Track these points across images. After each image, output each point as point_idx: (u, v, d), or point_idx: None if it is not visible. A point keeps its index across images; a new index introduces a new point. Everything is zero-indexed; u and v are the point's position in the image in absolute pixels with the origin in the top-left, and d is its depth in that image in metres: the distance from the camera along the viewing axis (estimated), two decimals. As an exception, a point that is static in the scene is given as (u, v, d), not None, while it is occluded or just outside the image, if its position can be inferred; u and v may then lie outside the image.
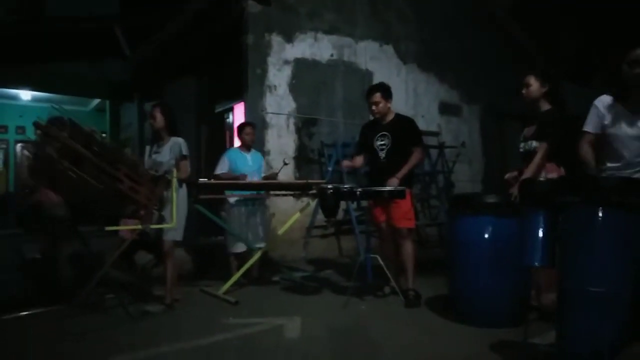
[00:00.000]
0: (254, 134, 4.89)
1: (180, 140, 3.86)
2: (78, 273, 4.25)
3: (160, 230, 3.74)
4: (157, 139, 3.97)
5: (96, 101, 11.33)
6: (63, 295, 3.90)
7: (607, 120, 2.83)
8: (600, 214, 2.18)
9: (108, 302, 3.88)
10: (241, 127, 4.88)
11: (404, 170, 3.82)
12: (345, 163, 4.27)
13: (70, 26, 7.60)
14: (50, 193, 3.92)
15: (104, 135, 3.64)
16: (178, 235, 3.79)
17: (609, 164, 2.85)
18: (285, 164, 4.74)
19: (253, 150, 4.91)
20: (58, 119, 3.36)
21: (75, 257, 4.33)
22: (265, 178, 4.85)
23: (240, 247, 4.61)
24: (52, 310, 3.74)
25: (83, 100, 11.12)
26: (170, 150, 3.83)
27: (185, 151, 3.82)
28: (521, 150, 3.46)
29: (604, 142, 2.88)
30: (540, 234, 2.38)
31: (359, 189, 3.68)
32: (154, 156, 3.92)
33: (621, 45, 2.81)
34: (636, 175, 2.68)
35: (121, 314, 3.62)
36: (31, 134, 3.50)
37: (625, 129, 2.73)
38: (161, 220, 3.71)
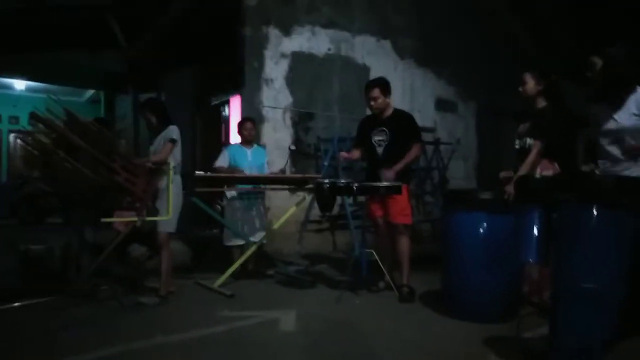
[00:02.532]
0: (254, 129, 4.89)
1: (172, 127, 3.85)
2: (72, 264, 4.25)
3: (155, 222, 3.73)
4: (155, 134, 3.96)
5: (91, 92, 11.26)
6: (57, 286, 3.89)
7: (594, 121, 2.95)
8: (594, 212, 2.20)
9: (102, 294, 3.86)
10: (241, 123, 4.89)
11: (401, 164, 3.81)
12: (343, 154, 4.22)
13: (65, 16, 7.52)
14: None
15: (102, 123, 3.61)
16: (171, 227, 3.79)
17: (600, 161, 2.94)
18: (291, 149, 4.69)
19: (255, 146, 4.91)
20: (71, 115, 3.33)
21: (70, 248, 4.33)
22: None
23: (235, 241, 4.62)
24: (46, 301, 3.73)
25: (77, 91, 11.06)
26: (163, 139, 3.83)
27: (175, 136, 3.79)
28: (516, 147, 3.48)
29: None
30: (535, 231, 2.41)
31: (356, 184, 3.68)
32: (150, 148, 3.94)
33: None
34: (625, 173, 2.72)
35: (115, 305, 3.63)
36: (25, 123, 3.48)
37: (606, 125, 2.82)
38: (155, 212, 3.71)
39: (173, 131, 3.81)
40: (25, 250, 4.33)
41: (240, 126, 4.85)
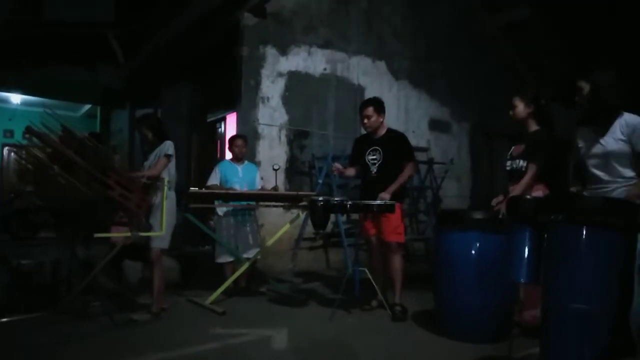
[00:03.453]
0: (245, 146, 4.92)
1: (168, 142, 3.86)
2: (64, 279, 4.22)
3: (148, 237, 3.72)
4: (151, 150, 3.98)
5: (87, 107, 11.27)
6: (48, 301, 3.86)
7: (581, 143, 3.00)
8: (582, 233, 2.23)
9: (93, 310, 3.83)
10: (232, 140, 4.93)
11: (395, 186, 3.86)
12: (337, 165, 4.17)
13: (64, 31, 7.59)
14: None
15: (96, 139, 3.61)
16: (165, 243, 3.78)
17: (587, 184, 2.98)
18: (275, 169, 4.72)
19: (246, 162, 4.94)
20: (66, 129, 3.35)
21: (62, 263, 4.30)
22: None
23: (227, 258, 4.62)
24: (36, 317, 3.69)
25: (74, 106, 11.06)
26: (158, 154, 3.85)
27: (170, 151, 3.80)
28: (508, 168, 3.52)
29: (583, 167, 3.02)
30: (526, 251, 2.43)
31: (349, 202, 3.71)
32: (145, 164, 3.95)
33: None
34: (612, 194, 2.77)
35: (106, 321, 3.59)
36: (20, 137, 3.49)
37: (592, 149, 2.87)
38: (149, 227, 3.71)
39: (168, 146, 3.82)
40: (16, 265, 4.29)
41: (231, 143, 4.89)
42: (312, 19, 6.53)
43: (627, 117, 2.79)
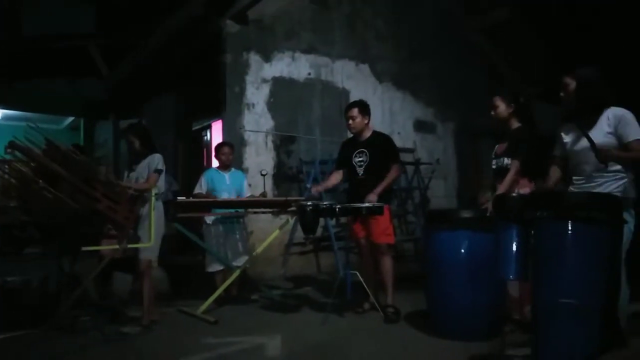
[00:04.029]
0: (232, 153, 4.90)
1: (157, 155, 3.85)
2: (51, 295, 4.16)
3: (137, 249, 3.69)
4: (135, 160, 3.95)
5: (70, 119, 11.14)
6: (36, 318, 3.79)
7: (567, 138, 3.02)
8: (568, 228, 2.27)
9: (83, 324, 3.78)
10: (218, 147, 4.91)
11: (382, 186, 3.88)
12: (315, 189, 4.29)
13: (45, 45, 7.51)
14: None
15: (79, 151, 3.56)
16: (154, 254, 3.75)
17: (574, 178, 3.00)
18: (263, 175, 4.71)
19: (233, 170, 4.92)
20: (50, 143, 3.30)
21: (49, 279, 4.23)
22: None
23: (217, 266, 4.59)
24: (24, 334, 3.63)
25: (56, 119, 10.92)
26: (147, 167, 3.82)
27: (160, 166, 3.79)
28: (493, 166, 3.57)
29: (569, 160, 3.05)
30: (514, 248, 2.46)
31: (338, 206, 3.72)
32: (130, 174, 3.91)
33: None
34: (598, 189, 2.81)
35: (97, 336, 3.54)
36: (2, 152, 3.43)
37: (579, 143, 2.89)
38: (137, 239, 3.67)
39: (158, 161, 3.80)
40: (2, 282, 4.21)
41: (218, 150, 4.87)
42: (294, 24, 6.55)
43: (613, 110, 2.82)
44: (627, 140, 2.77)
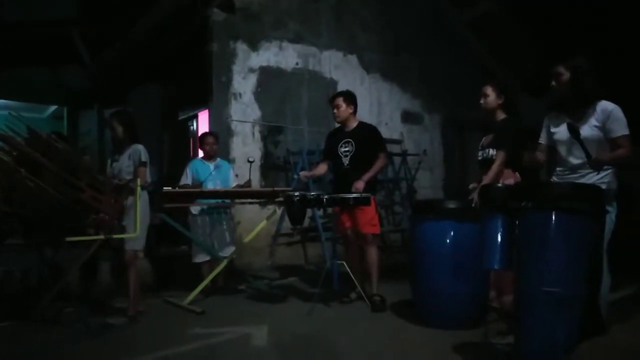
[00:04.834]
0: (216, 143, 4.85)
1: (140, 147, 3.79)
2: (34, 287, 4.11)
3: (122, 240, 3.65)
4: (118, 148, 3.89)
5: (53, 108, 10.93)
6: (19, 309, 3.75)
7: (553, 128, 3.03)
8: (552, 218, 2.30)
9: (67, 316, 3.74)
10: (202, 137, 4.87)
11: (369, 175, 3.90)
12: (303, 174, 4.33)
13: (27, 32, 7.33)
14: None
15: (62, 138, 3.48)
16: (139, 245, 3.72)
17: (557, 169, 3.03)
18: (250, 161, 4.67)
19: (219, 160, 4.87)
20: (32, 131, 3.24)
21: (31, 270, 4.18)
22: (240, 187, 4.79)
23: (203, 257, 4.57)
24: (7, 326, 3.59)
25: (39, 108, 10.71)
26: (129, 157, 3.77)
27: (144, 158, 3.74)
28: (479, 158, 3.60)
29: (553, 150, 3.06)
30: (499, 237, 2.49)
31: (326, 196, 3.72)
32: (114, 164, 3.86)
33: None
34: (581, 180, 2.84)
35: (81, 327, 3.51)
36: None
37: (566, 136, 2.88)
38: (122, 229, 3.63)
39: (141, 153, 3.74)
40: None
41: (202, 141, 4.83)
42: (281, 13, 6.49)
43: (602, 104, 2.82)
44: (614, 136, 2.78)
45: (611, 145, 2.81)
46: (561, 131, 2.95)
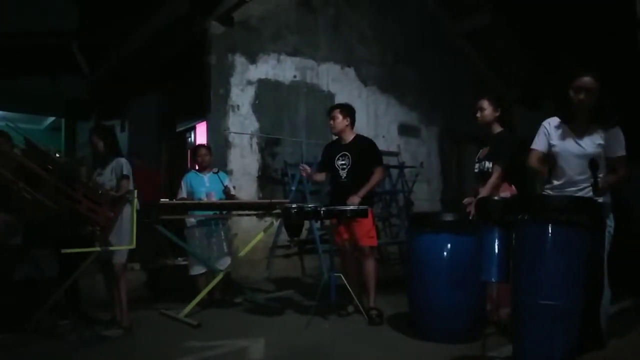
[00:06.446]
0: (208, 155, 4.83)
1: (122, 160, 3.82)
2: (30, 298, 4.07)
3: (111, 253, 3.62)
4: (101, 163, 3.91)
5: (51, 119, 10.94)
6: (14, 322, 3.71)
7: (554, 139, 2.96)
8: (548, 231, 2.31)
9: (62, 328, 3.71)
10: (195, 150, 4.87)
11: (365, 189, 3.90)
12: (304, 167, 4.20)
13: (26, 42, 7.37)
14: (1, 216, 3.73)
15: (57, 155, 3.50)
16: (124, 257, 3.70)
17: (553, 181, 2.95)
18: (215, 172, 4.65)
19: (213, 171, 4.84)
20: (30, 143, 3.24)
21: (27, 281, 4.15)
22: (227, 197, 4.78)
23: (200, 269, 4.55)
24: (3, 338, 3.53)
25: (37, 118, 10.72)
26: (112, 171, 3.79)
27: (126, 171, 3.76)
28: (476, 170, 3.61)
29: (550, 160, 3.02)
30: (496, 250, 2.49)
31: (323, 208, 3.72)
32: (97, 178, 3.86)
33: (567, 73, 2.98)
34: (579, 194, 2.84)
35: (77, 340, 3.48)
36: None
37: (569, 148, 2.86)
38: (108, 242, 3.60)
39: (124, 166, 3.76)
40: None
41: (195, 153, 4.83)
42: (280, 26, 6.56)
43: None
44: (614, 155, 2.77)
45: (608, 163, 2.80)
46: (565, 145, 2.88)
